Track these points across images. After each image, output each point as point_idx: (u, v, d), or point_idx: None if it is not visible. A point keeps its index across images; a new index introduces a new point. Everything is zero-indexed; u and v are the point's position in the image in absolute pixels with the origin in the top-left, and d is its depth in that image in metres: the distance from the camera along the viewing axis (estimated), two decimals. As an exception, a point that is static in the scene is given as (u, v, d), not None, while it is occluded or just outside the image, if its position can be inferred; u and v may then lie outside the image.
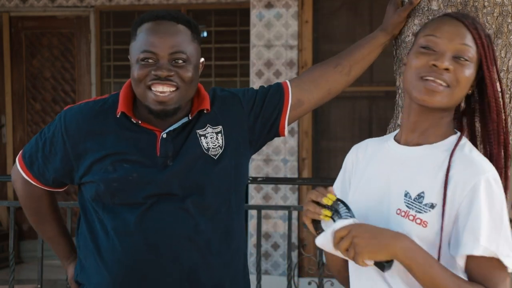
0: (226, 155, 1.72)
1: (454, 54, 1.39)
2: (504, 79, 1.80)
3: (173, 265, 1.64)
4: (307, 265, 4.79)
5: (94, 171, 1.67)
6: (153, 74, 1.63)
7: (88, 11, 5.78)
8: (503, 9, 1.79)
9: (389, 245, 1.30)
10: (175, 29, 1.66)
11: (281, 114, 1.82)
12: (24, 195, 1.86)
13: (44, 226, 1.93)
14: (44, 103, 5.94)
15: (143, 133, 1.68)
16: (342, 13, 5.05)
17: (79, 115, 1.74)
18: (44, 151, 1.77)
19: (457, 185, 1.35)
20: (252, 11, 4.99)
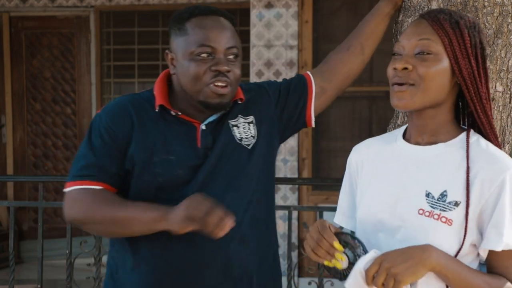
0: (258, 145, 1.74)
1: (415, 52, 1.39)
2: (504, 79, 1.80)
3: (211, 258, 1.66)
4: (307, 265, 4.78)
5: (140, 162, 1.66)
6: (213, 70, 1.64)
7: (88, 11, 5.78)
8: (503, 9, 1.79)
9: (425, 261, 1.31)
10: (227, 24, 1.69)
11: (307, 103, 1.84)
12: (94, 208, 1.66)
13: (128, 214, 1.66)
14: (44, 103, 5.94)
15: (183, 125, 1.70)
16: (342, 13, 5.05)
17: (117, 108, 1.72)
18: (97, 153, 1.68)
19: (484, 182, 1.36)
20: (252, 11, 4.99)
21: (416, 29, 1.41)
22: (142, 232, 1.62)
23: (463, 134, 1.44)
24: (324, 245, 1.35)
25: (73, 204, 1.68)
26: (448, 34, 1.39)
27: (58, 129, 5.95)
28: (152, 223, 1.59)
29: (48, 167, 5.96)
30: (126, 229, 1.64)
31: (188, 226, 1.53)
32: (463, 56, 1.39)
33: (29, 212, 5.96)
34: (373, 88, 4.97)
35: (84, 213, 1.66)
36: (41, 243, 3.03)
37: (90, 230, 1.73)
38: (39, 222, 3.04)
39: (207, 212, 1.51)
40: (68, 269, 3.03)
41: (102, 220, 1.64)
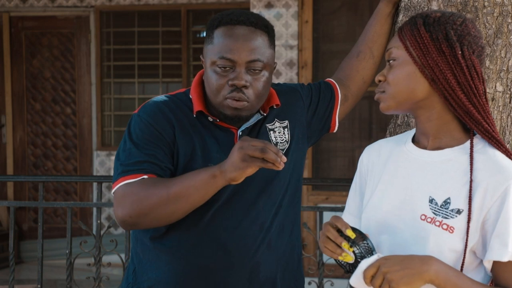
0: (290, 149, 1.75)
1: (387, 61, 1.46)
2: (504, 79, 1.80)
3: (239, 262, 1.66)
4: (307, 265, 4.78)
5: (181, 167, 1.64)
6: (230, 85, 1.61)
7: (88, 11, 5.78)
8: (503, 9, 1.79)
9: (423, 272, 1.30)
10: (254, 35, 1.64)
11: (333, 110, 1.87)
12: (146, 194, 1.58)
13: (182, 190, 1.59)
14: (44, 103, 5.94)
15: (221, 131, 1.69)
16: (342, 13, 5.05)
17: (155, 109, 1.67)
18: (144, 149, 1.62)
19: (487, 191, 1.35)
20: (252, 10, 4.99)
21: (390, 41, 1.49)
22: (203, 198, 1.56)
23: (469, 141, 1.43)
24: (334, 240, 1.37)
25: (124, 201, 1.59)
26: (405, 36, 1.42)
27: (58, 129, 5.95)
28: (209, 182, 1.53)
29: (48, 167, 5.96)
30: (187, 202, 1.55)
31: (247, 167, 1.47)
32: (423, 53, 1.39)
33: (29, 212, 5.96)
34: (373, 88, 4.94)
35: (138, 204, 1.57)
36: (41, 243, 3.03)
37: (150, 220, 1.60)
38: (39, 222, 3.04)
39: (262, 147, 1.46)
40: (68, 269, 3.03)
41: (160, 202, 1.55)
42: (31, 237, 5.80)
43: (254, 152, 1.46)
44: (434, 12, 1.44)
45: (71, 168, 5.95)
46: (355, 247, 1.36)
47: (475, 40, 1.41)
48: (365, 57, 1.91)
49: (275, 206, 1.70)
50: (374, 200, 1.48)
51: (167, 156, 1.64)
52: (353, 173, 1.62)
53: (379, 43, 1.92)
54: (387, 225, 1.43)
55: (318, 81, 1.91)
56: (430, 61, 1.39)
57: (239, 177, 1.51)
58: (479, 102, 1.40)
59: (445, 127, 1.44)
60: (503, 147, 1.41)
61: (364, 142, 4.94)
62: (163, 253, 1.67)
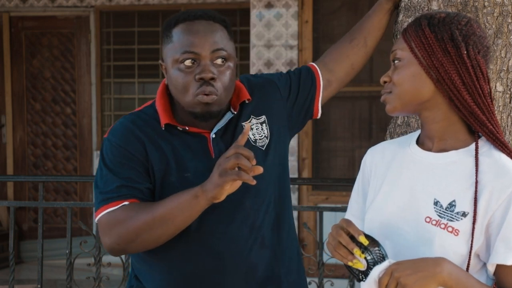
0: (272, 144, 1.71)
1: (392, 61, 1.46)
2: (504, 79, 1.80)
3: (232, 266, 1.64)
4: (307, 265, 4.78)
5: (159, 182, 1.62)
6: (197, 79, 1.58)
7: (88, 11, 5.78)
8: (503, 9, 1.79)
9: (436, 274, 1.29)
10: (213, 27, 1.63)
11: (315, 97, 1.83)
12: (132, 220, 1.57)
13: (165, 216, 1.58)
14: (44, 103, 5.94)
15: (193, 137, 1.65)
16: (342, 13, 5.05)
17: (124, 130, 1.65)
18: (119, 175, 1.61)
19: (492, 194, 1.34)
20: (252, 11, 4.99)
21: (395, 42, 1.48)
22: (188, 219, 1.55)
23: (475, 143, 1.42)
24: (346, 246, 1.35)
25: (110, 230, 1.58)
26: (410, 37, 1.41)
27: (58, 129, 5.95)
28: (192, 203, 1.52)
29: (48, 167, 5.96)
30: (173, 224, 1.54)
31: (224, 182, 1.46)
32: (428, 54, 1.39)
33: (29, 212, 5.96)
34: (373, 88, 4.97)
35: (125, 231, 1.56)
36: (41, 243, 3.03)
37: (138, 245, 1.59)
38: (39, 222, 3.04)
39: (235, 154, 1.45)
40: (68, 269, 3.03)
41: (145, 227, 1.54)
42: (31, 237, 5.80)
43: (228, 163, 1.45)
44: (439, 13, 1.44)
45: (71, 168, 5.95)
46: (367, 253, 1.34)
47: (480, 40, 1.41)
48: (358, 44, 1.89)
49: (265, 204, 1.67)
50: (378, 201, 1.47)
51: (143, 175, 1.61)
52: (353, 173, 1.62)
53: (374, 35, 1.90)
54: (391, 227, 1.42)
55: (298, 68, 1.87)
56: (435, 61, 1.38)
57: (219, 195, 1.49)
58: (484, 103, 1.40)
59: (450, 128, 1.43)
60: (508, 149, 1.41)
61: (364, 142, 4.95)
62: (155, 264, 1.66)
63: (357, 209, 1.56)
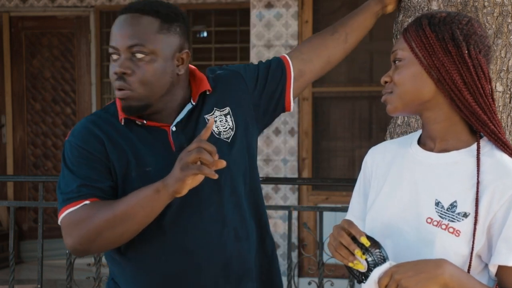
0: (237, 136, 1.68)
1: (393, 61, 1.46)
2: (504, 79, 1.80)
3: (207, 262, 1.62)
4: (307, 265, 4.79)
5: (120, 179, 1.61)
6: (113, 73, 1.59)
7: (88, 11, 5.78)
8: (503, 9, 1.79)
9: (437, 276, 1.28)
10: (136, 21, 1.59)
11: (285, 88, 1.79)
12: (92, 218, 1.55)
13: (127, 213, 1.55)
14: (44, 103, 5.94)
15: (152, 132, 1.63)
16: (342, 13, 5.05)
17: (82, 130, 1.65)
18: (79, 174, 1.60)
19: (494, 194, 1.33)
20: (252, 11, 4.99)
21: (395, 43, 1.48)
22: (150, 215, 1.52)
23: (476, 144, 1.41)
24: (347, 247, 1.35)
25: (71, 229, 1.57)
26: (411, 36, 1.41)
27: (58, 129, 5.95)
28: (154, 198, 1.49)
29: (48, 167, 5.96)
30: (134, 220, 1.52)
31: (186, 176, 1.44)
32: (429, 53, 1.39)
33: (29, 212, 5.96)
34: (373, 88, 4.97)
35: (86, 230, 1.54)
36: (41, 243, 3.03)
37: (100, 244, 1.57)
38: (39, 222, 3.04)
39: (197, 148, 1.42)
40: (68, 269, 3.03)
41: (106, 225, 1.52)
42: (31, 237, 5.80)
43: (190, 157, 1.42)
44: (439, 12, 1.43)
45: (71, 168, 5.95)
46: (368, 254, 1.33)
47: (481, 39, 1.40)
48: (339, 38, 1.86)
49: (234, 197, 1.65)
50: (379, 202, 1.47)
51: (104, 173, 1.59)
52: (353, 173, 1.62)
53: (356, 33, 1.88)
54: (392, 228, 1.42)
55: (269, 59, 1.84)
56: (436, 61, 1.38)
57: (181, 189, 1.46)
58: (485, 103, 1.39)
59: (452, 129, 1.42)
60: (510, 149, 1.40)
61: (364, 142, 4.95)
62: (128, 267, 1.64)
63: (358, 209, 1.55)
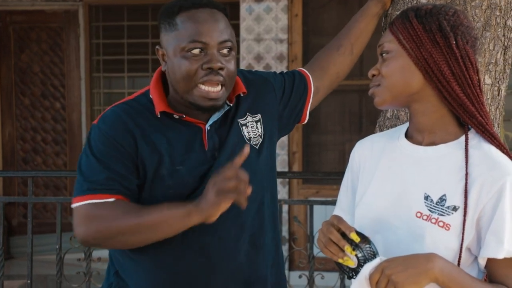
0: (264, 144, 1.69)
1: (380, 54, 1.44)
2: (493, 72, 1.81)
3: (221, 265, 1.62)
4: (297, 258, 4.80)
5: (149, 176, 1.58)
6: (205, 68, 1.55)
7: (77, 5, 5.74)
8: (491, 2, 1.79)
9: (428, 271, 1.28)
10: (218, 16, 1.61)
11: (305, 102, 1.83)
12: (115, 220, 1.54)
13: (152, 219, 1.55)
14: (33, 97, 5.91)
15: (188, 128, 1.62)
16: (332, 7, 5.05)
17: (114, 118, 1.60)
18: (107, 165, 1.57)
19: (483, 187, 1.33)
20: (242, 4, 4.98)
21: (382, 37, 1.47)
22: (174, 233, 1.53)
23: (464, 136, 1.41)
24: (337, 243, 1.34)
25: (90, 222, 1.54)
26: (398, 29, 1.40)
27: (48, 123, 5.92)
28: (184, 220, 1.49)
29: (37, 162, 5.93)
30: (157, 234, 1.53)
31: (222, 202, 1.45)
32: (417, 45, 1.38)
33: (18, 207, 5.93)
34: (363, 82, 4.97)
35: (106, 229, 1.53)
36: (31, 238, 3.02)
37: (112, 245, 1.59)
38: (28, 217, 3.03)
39: (237, 179, 1.43)
40: (58, 264, 3.02)
41: (129, 231, 1.52)
42: (21, 232, 5.77)
43: (229, 184, 1.43)
44: (425, 5, 1.43)
45: (61, 163, 5.93)
46: (358, 250, 1.33)
47: (468, 30, 1.40)
48: (345, 52, 1.88)
49: (256, 204, 1.66)
50: (368, 196, 1.47)
51: (131, 170, 1.57)
52: (343, 167, 1.62)
53: (361, 40, 1.90)
54: (382, 222, 1.42)
55: (292, 71, 1.86)
56: (424, 52, 1.37)
57: (215, 214, 1.47)
58: (473, 93, 1.39)
59: (440, 121, 1.42)
60: (497, 141, 1.40)
61: (354, 136, 4.96)
62: (142, 261, 1.63)
63: (346, 203, 1.55)
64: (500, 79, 1.83)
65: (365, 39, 1.91)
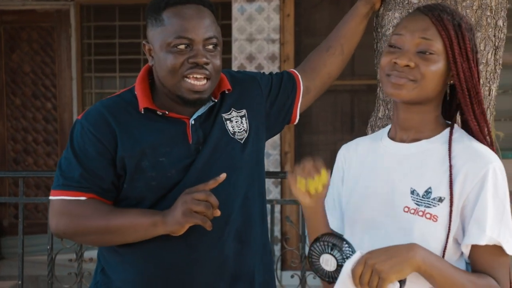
0: (250, 139, 1.72)
1: (417, 49, 1.40)
2: (483, 72, 1.82)
3: (205, 258, 1.64)
4: (289, 258, 4.80)
5: (131, 169, 1.62)
6: (190, 62, 1.59)
7: (68, 5, 5.72)
8: (482, 2, 1.80)
9: (410, 259, 1.30)
10: (204, 13, 1.64)
11: (294, 102, 1.84)
12: (85, 219, 1.61)
13: (118, 223, 1.62)
14: (24, 98, 5.88)
15: (172, 123, 1.65)
16: (324, 7, 5.06)
17: (96, 115, 1.65)
18: (83, 163, 1.62)
19: (467, 176, 1.36)
20: (234, 4, 4.98)
21: (419, 26, 1.41)
22: (139, 238, 1.60)
23: (447, 130, 1.45)
24: None
25: (60, 217, 1.62)
26: (450, 37, 1.40)
27: (39, 124, 5.90)
28: (149, 229, 1.57)
29: (28, 163, 5.91)
30: (123, 238, 1.61)
31: (186, 223, 1.52)
32: (463, 59, 1.40)
33: (9, 208, 5.90)
34: (354, 82, 4.99)
35: (75, 226, 1.61)
36: (22, 239, 3.01)
37: (81, 241, 1.69)
38: (19, 218, 3.01)
39: (205, 204, 1.50)
40: (49, 265, 3.01)
41: (96, 231, 1.60)
42: (12, 233, 5.74)
43: (197, 207, 1.50)
44: (464, 16, 1.45)
45: (52, 164, 5.90)
46: (336, 250, 1.33)
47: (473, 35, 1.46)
48: (335, 52, 1.89)
49: (241, 198, 1.67)
50: (356, 199, 1.48)
51: (107, 168, 1.61)
52: (335, 167, 1.61)
53: (351, 41, 1.91)
54: (373, 222, 1.43)
55: (281, 71, 1.89)
56: (467, 69, 1.41)
57: (178, 231, 1.55)
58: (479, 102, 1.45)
59: (431, 121, 1.45)
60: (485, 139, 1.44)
61: (346, 136, 4.96)
62: (128, 254, 1.65)
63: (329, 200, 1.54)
64: (491, 79, 1.84)
65: (355, 40, 1.92)
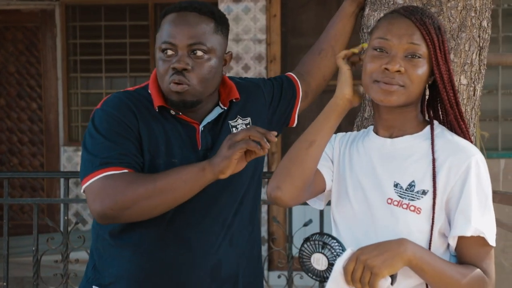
0: None
1: (405, 54, 1.41)
2: (468, 72, 1.83)
3: (201, 259, 1.65)
4: (276, 258, 4.80)
5: (146, 163, 1.63)
6: (171, 67, 1.62)
7: (53, 5, 5.69)
8: (466, 3, 1.81)
9: (401, 253, 1.32)
10: (196, 20, 1.64)
11: (294, 107, 1.88)
12: (132, 186, 1.55)
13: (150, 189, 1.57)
14: (8, 98, 5.85)
15: (184, 125, 1.68)
16: (310, 7, 5.07)
17: (118, 101, 1.66)
18: (118, 143, 1.60)
19: (450, 169, 1.39)
20: (220, 5, 4.97)
21: (404, 30, 1.42)
22: (190, 192, 1.55)
23: (428, 127, 1.48)
24: None
25: (105, 194, 1.54)
26: (433, 41, 1.42)
27: (24, 124, 5.86)
28: (198, 175, 1.54)
29: (13, 163, 5.87)
30: (173, 195, 1.54)
31: (233, 154, 1.48)
32: (443, 61, 1.43)
33: (-6, 209, 5.86)
34: (341, 82, 4.99)
35: (122, 196, 1.53)
36: (7, 240, 2.98)
37: (132, 213, 1.55)
38: (4, 219, 2.99)
39: (246, 129, 1.50)
40: (35, 266, 2.99)
41: (145, 195, 1.53)
42: (-3, 234, 5.70)
43: (238, 135, 1.49)
44: (438, 18, 1.48)
45: (38, 164, 5.87)
46: (327, 249, 1.35)
47: None
48: (326, 55, 1.92)
49: (236, 203, 1.70)
50: (344, 196, 1.51)
51: (137, 148, 1.62)
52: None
53: (341, 41, 1.93)
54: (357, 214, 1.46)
55: (280, 76, 1.91)
56: (446, 69, 1.44)
57: (227, 168, 1.51)
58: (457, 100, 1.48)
59: (413, 119, 1.48)
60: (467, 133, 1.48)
61: (333, 136, 4.98)
62: (124, 249, 1.66)
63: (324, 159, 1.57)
64: (475, 79, 1.85)
65: (345, 40, 1.94)
